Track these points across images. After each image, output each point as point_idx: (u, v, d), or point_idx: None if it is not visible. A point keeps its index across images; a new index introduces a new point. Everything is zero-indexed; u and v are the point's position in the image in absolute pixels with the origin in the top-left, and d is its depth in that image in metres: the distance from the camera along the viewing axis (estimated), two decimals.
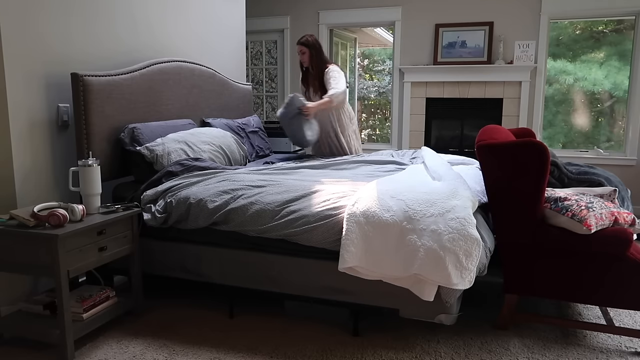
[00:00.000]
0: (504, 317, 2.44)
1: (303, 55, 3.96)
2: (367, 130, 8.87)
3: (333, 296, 2.37)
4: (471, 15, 5.20)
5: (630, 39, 4.96)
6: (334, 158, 3.61)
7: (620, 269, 2.19)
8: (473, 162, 3.45)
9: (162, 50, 3.54)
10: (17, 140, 2.53)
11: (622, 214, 2.24)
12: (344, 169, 3.19)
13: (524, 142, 2.22)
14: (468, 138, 5.44)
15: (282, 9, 5.93)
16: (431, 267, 2.04)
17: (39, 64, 2.62)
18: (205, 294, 2.85)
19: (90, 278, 2.75)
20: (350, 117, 4.15)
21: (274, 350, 2.27)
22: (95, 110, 2.77)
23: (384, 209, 2.21)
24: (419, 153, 3.59)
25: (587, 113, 5.39)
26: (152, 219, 2.56)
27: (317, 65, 3.93)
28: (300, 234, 2.30)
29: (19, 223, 2.19)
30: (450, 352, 2.25)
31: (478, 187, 2.63)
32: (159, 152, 2.87)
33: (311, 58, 3.95)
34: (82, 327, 2.27)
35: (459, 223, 2.08)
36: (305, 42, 3.94)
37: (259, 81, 6.36)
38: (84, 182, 2.41)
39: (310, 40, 3.95)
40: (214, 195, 2.52)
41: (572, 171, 2.74)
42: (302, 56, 3.97)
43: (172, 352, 2.25)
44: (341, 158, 3.53)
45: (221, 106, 4.05)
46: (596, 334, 2.43)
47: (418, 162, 3.30)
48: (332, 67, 3.95)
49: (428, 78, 5.39)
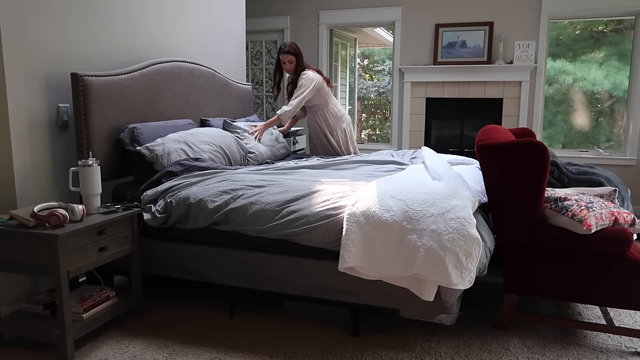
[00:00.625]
0: (504, 317, 2.44)
1: (291, 64, 3.94)
2: (367, 130, 8.87)
3: (333, 296, 2.37)
4: (471, 15, 5.20)
5: (630, 39, 4.96)
6: (333, 158, 3.61)
7: (620, 269, 2.19)
8: (473, 162, 3.45)
9: (162, 50, 3.54)
10: (17, 140, 2.53)
11: (622, 214, 2.24)
12: (344, 169, 3.20)
13: (524, 142, 2.22)
14: (468, 138, 5.44)
15: (282, 9, 5.93)
16: (431, 267, 2.04)
17: (39, 64, 2.62)
18: (205, 294, 2.85)
19: (90, 278, 2.75)
20: (337, 117, 4.10)
21: (274, 350, 2.27)
22: (95, 110, 2.77)
23: (384, 208, 2.21)
24: (419, 153, 3.60)
25: (587, 113, 5.40)
26: (152, 219, 2.56)
27: (298, 72, 3.95)
28: (301, 234, 2.30)
29: (19, 223, 2.19)
30: (450, 352, 2.25)
31: (478, 187, 2.63)
32: (159, 152, 2.87)
33: (297, 67, 3.95)
34: (82, 327, 2.27)
35: (459, 223, 2.08)
36: (292, 51, 3.90)
37: (259, 81, 6.36)
38: (84, 182, 2.41)
39: (296, 48, 3.94)
40: (214, 195, 2.52)
41: (572, 171, 2.74)
42: (289, 65, 3.94)
43: (172, 352, 2.25)
44: (341, 158, 3.53)
45: (221, 106, 4.05)
46: (596, 334, 2.43)
47: (418, 162, 3.30)
48: (307, 73, 3.91)
49: (428, 78, 5.39)
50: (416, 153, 3.69)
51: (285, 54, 3.91)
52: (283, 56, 3.92)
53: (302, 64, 3.95)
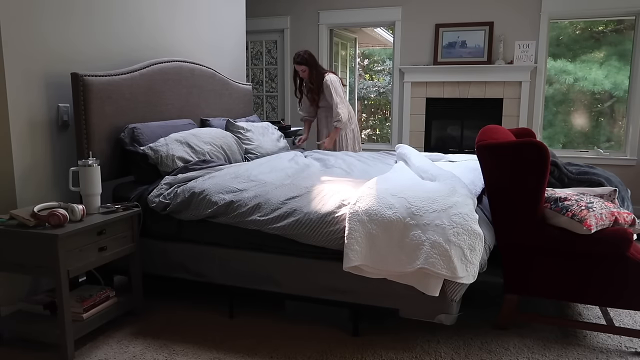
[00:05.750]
0: (504, 317, 2.44)
1: (304, 72, 4.12)
2: (367, 130, 8.87)
3: (333, 296, 2.37)
4: (471, 15, 5.20)
5: (630, 39, 4.96)
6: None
7: (620, 269, 2.19)
8: (443, 156, 3.59)
9: (162, 50, 3.54)
10: (17, 140, 2.53)
11: (622, 214, 2.24)
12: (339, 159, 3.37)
13: (524, 142, 2.22)
14: (468, 138, 5.44)
15: (282, 9, 5.93)
16: (437, 260, 2.04)
17: (39, 64, 2.62)
18: (205, 294, 2.85)
19: (90, 278, 2.75)
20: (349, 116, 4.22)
21: (274, 350, 2.27)
22: (95, 110, 2.77)
23: (386, 206, 2.22)
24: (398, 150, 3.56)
25: (587, 113, 5.40)
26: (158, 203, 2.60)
27: (315, 80, 4.11)
28: (300, 231, 2.30)
29: (19, 223, 2.19)
30: (450, 352, 2.25)
31: (467, 180, 2.68)
32: (163, 153, 2.87)
33: (310, 74, 4.11)
34: (82, 327, 2.27)
35: (462, 218, 2.10)
36: (304, 61, 4.09)
37: (259, 81, 6.36)
38: (84, 182, 2.41)
39: (307, 57, 4.07)
40: (221, 188, 2.56)
41: (572, 171, 2.74)
42: (302, 74, 4.13)
43: (172, 352, 2.25)
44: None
45: (221, 106, 4.05)
46: (596, 334, 2.43)
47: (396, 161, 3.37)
48: (329, 77, 4.09)
49: (428, 78, 5.39)
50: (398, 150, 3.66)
51: (297, 65, 4.11)
52: (296, 66, 4.12)
53: (316, 71, 4.15)
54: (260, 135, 3.80)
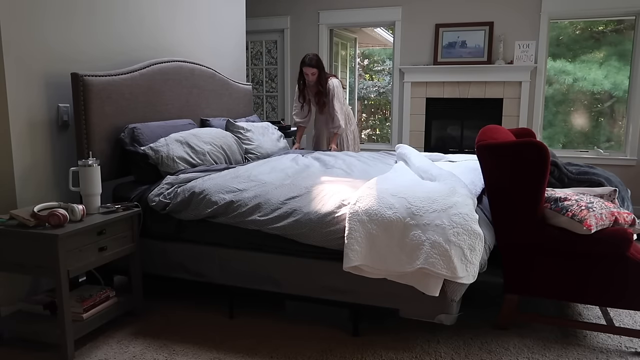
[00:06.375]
0: (504, 317, 2.44)
1: (313, 76, 4.11)
2: (367, 130, 8.87)
3: (333, 296, 2.37)
4: (471, 15, 5.20)
5: (630, 39, 4.96)
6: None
7: (620, 269, 2.19)
8: (443, 156, 3.59)
9: (162, 50, 3.54)
10: (17, 140, 2.53)
11: (622, 214, 2.24)
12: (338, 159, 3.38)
13: (523, 142, 2.22)
14: (468, 138, 5.44)
15: (282, 9, 5.93)
16: (437, 260, 2.04)
17: (39, 64, 2.62)
18: (205, 294, 2.85)
19: (90, 278, 2.75)
20: (349, 118, 4.24)
21: (274, 350, 2.27)
22: (95, 110, 2.77)
23: (386, 206, 2.22)
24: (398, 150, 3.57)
25: (587, 113, 5.40)
26: (158, 203, 2.60)
27: (322, 83, 4.14)
28: (300, 231, 2.30)
29: (19, 223, 2.19)
30: (450, 352, 2.25)
31: (467, 180, 2.67)
32: (164, 153, 2.87)
33: (320, 78, 4.13)
34: (82, 327, 2.27)
35: (462, 218, 2.10)
36: (314, 64, 4.10)
37: (259, 81, 6.36)
38: (84, 182, 2.41)
39: (318, 61, 4.12)
40: (221, 188, 2.56)
41: (572, 171, 2.74)
42: (312, 77, 4.11)
43: (172, 352, 2.25)
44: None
45: (221, 106, 4.05)
46: (596, 334, 2.43)
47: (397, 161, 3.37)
48: (332, 82, 4.13)
49: (428, 78, 5.39)
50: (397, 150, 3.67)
51: (308, 67, 4.09)
52: (306, 69, 4.10)
53: (324, 75, 4.15)
54: (260, 135, 3.80)
